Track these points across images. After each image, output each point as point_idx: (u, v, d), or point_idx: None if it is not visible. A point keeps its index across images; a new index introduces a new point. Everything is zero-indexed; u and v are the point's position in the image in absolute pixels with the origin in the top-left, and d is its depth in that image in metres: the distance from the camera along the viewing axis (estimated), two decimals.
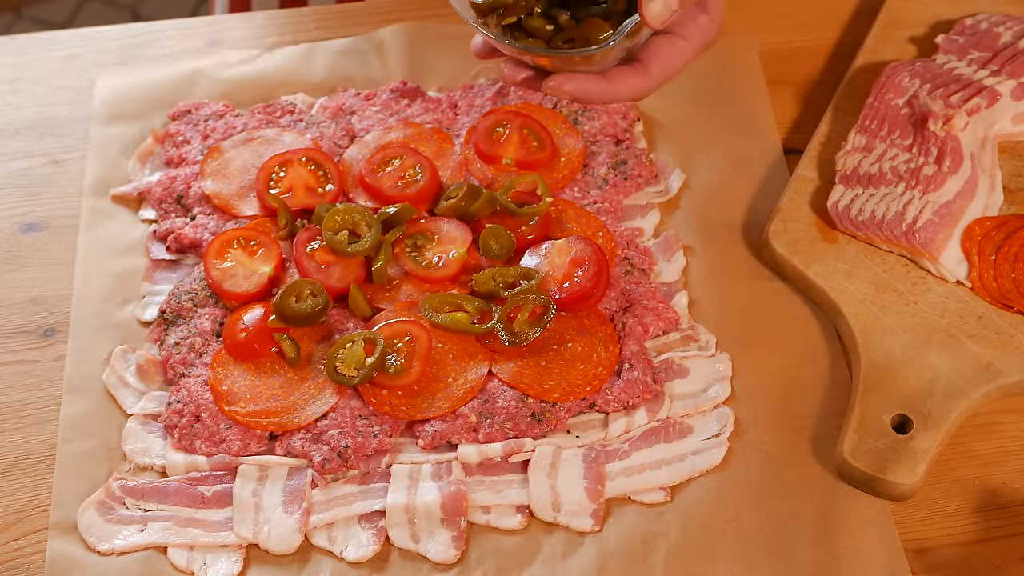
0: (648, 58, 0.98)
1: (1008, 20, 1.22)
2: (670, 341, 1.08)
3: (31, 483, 1.02)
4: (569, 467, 1.00)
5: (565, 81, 0.97)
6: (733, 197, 1.18)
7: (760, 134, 1.22)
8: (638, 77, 0.98)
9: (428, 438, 1.01)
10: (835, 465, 1.00)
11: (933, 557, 0.96)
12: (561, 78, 0.97)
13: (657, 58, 0.98)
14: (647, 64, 0.98)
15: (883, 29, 1.28)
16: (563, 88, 0.97)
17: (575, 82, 0.97)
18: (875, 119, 1.16)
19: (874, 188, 1.11)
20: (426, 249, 1.11)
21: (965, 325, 1.05)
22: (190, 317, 1.09)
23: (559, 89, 0.97)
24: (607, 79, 0.97)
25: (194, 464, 1.01)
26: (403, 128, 1.21)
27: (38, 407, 1.07)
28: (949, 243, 1.08)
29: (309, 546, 0.98)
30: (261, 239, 1.12)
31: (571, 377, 1.03)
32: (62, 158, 1.24)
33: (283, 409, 1.02)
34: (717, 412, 1.03)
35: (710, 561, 0.96)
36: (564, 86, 0.97)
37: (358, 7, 1.38)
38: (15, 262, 1.16)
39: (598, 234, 1.12)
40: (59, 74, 1.31)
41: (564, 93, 0.97)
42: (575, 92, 0.97)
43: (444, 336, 1.06)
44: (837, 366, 1.06)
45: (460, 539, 0.97)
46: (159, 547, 0.98)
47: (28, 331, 1.11)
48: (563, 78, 0.97)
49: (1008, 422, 1.03)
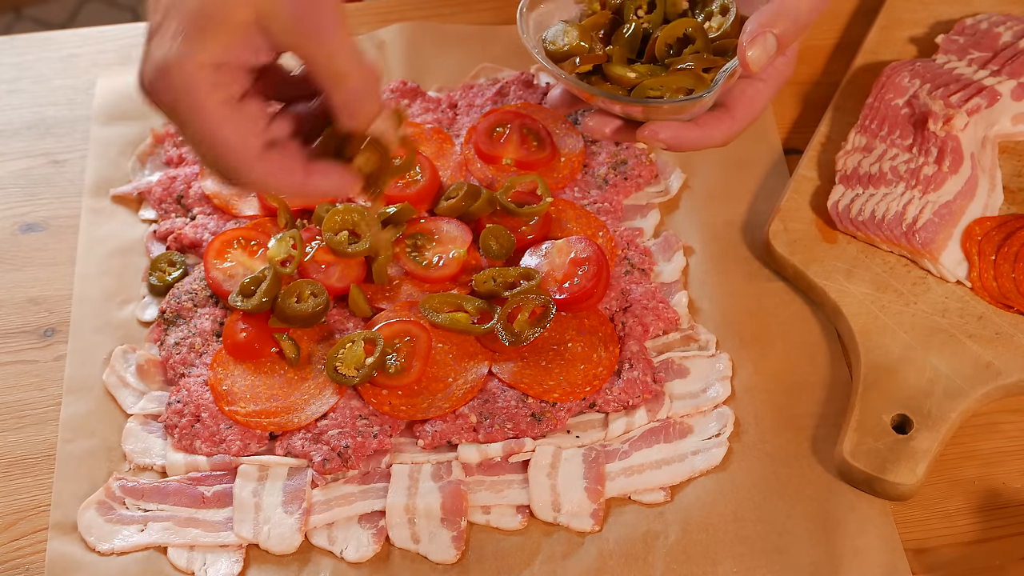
0: (732, 103, 0.98)
1: (1008, 20, 1.22)
2: (670, 341, 1.08)
3: (31, 483, 1.02)
4: (569, 467, 1.00)
5: (661, 130, 0.96)
6: (733, 197, 1.18)
7: (760, 134, 1.22)
8: (727, 123, 0.98)
9: (428, 438, 1.01)
10: (835, 465, 1.00)
11: (933, 557, 0.96)
12: (656, 127, 0.96)
13: (740, 102, 0.98)
14: (732, 109, 0.98)
15: (883, 29, 1.28)
16: (659, 136, 0.96)
17: (670, 131, 0.96)
18: (875, 119, 1.16)
19: (874, 188, 1.11)
20: (426, 249, 1.11)
21: (965, 325, 1.05)
22: (190, 317, 1.09)
23: (655, 137, 0.96)
24: (699, 126, 0.97)
25: (194, 464, 1.01)
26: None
27: (38, 407, 1.07)
28: (949, 243, 1.08)
29: (309, 546, 0.98)
30: (261, 239, 1.12)
31: (571, 377, 1.03)
32: (62, 158, 1.24)
33: (283, 409, 1.02)
34: (717, 412, 1.03)
35: (710, 561, 0.96)
36: (660, 134, 0.96)
37: (358, 7, 1.38)
38: (15, 262, 1.16)
39: (598, 234, 1.12)
40: (59, 74, 1.31)
41: (660, 141, 0.97)
42: (671, 140, 0.97)
43: (444, 336, 1.06)
44: (837, 366, 1.06)
45: (460, 539, 0.97)
46: (159, 547, 0.98)
47: (28, 331, 1.11)
48: (658, 127, 0.96)
49: (1008, 422, 1.03)
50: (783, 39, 0.93)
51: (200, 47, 0.79)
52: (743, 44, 0.92)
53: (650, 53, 1.01)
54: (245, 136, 0.82)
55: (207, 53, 0.79)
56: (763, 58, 0.92)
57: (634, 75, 0.99)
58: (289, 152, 0.85)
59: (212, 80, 0.80)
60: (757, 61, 0.92)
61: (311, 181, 0.85)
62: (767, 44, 0.92)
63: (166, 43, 0.80)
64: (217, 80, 0.80)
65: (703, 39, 0.99)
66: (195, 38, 0.79)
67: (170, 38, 0.80)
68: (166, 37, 0.80)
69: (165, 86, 0.80)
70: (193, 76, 0.79)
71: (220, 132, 0.81)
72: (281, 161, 0.84)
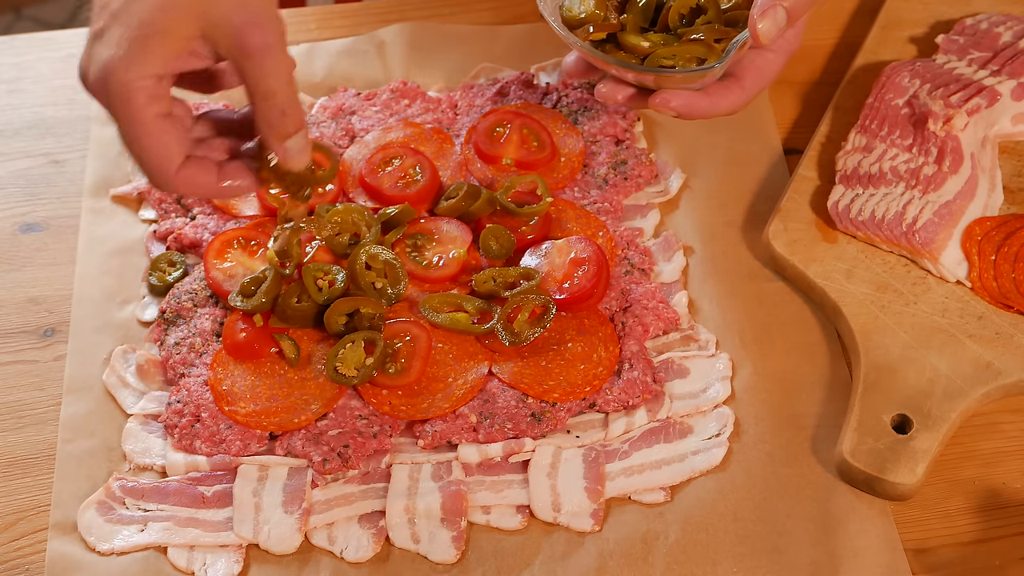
0: (742, 73, 1.03)
1: (1008, 20, 1.22)
2: (670, 341, 1.08)
3: (31, 483, 1.02)
4: (569, 467, 1.00)
5: (672, 98, 1.01)
6: (733, 197, 1.18)
7: (760, 134, 1.22)
8: (736, 92, 1.02)
9: (428, 438, 1.01)
10: (835, 465, 1.00)
11: (933, 557, 0.96)
12: (668, 95, 1.01)
13: (750, 72, 1.03)
14: (742, 79, 1.02)
15: (883, 29, 1.28)
16: (670, 104, 1.01)
17: (681, 99, 1.01)
18: (875, 119, 1.16)
19: (874, 188, 1.11)
20: (426, 249, 1.11)
21: (965, 325, 1.05)
22: (190, 317, 1.09)
23: (666, 105, 1.01)
24: (708, 95, 1.01)
25: (194, 464, 1.01)
26: (403, 128, 1.21)
27: (38, 407, 1.07)
28: (949, 243, 1.08)
29: (309, 546, 0.98)
30: (261, 239, 1.12)
31: (571, 377, 1.03)
32: (62, 158, 1.24)
33: (283, 409, 1.02)
34: (717, 412, 1.03)
35: (710, 561, 0.96)
36: (671, 102, 1.01)
37: (358, 7, 1.38)
38: (15, 262, 1.16)
39: (598, 234, 1.12)
40: (59, 74, 1.31)
41: (671, 109, 1.01)
42: (681, 108, 1.01)
43: (444, 336, 1.06)
44: (837, 366, 1.06)
45: (460, 539, 0.97)
46: (159, 547, 0.98)
47: (28, 331, 1.11)
48: (669, 95, 1.01)
49: (1008, 422, 1.03)
50: (793, 12, 0.97)
51: (143, 59, 0.83)
52: (754, 16, 0.96)
53: (663, 22, 1.05)
54: (170, 150, 0.88)
55: (150, 65, 0.84)
56: (773, 30, 0.96)
57: (647, 44, 1.03)
58: (205, 163, 0.91)
59: (150, 92, 0.85)
60: (767, 33, 0.96)
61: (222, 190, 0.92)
62: (777, 17, 0.96)
63: (111, 48, 0.84)
64: (155, 92, 0.85)
65: (715, 9, 1.04)
66: (139, 49, 0.83)
67: (115, 44, 0.83)
68: (111, 42, 0.84)
69: (105, 89, 0.84)
70: (132, 86, 0.84)
71: (149, 144, 0.87)
72: (196, 173, 0.90)
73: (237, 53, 0.85)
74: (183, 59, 0.86)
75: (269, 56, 0.85)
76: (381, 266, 1.07)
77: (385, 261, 1.07)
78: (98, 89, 0.85)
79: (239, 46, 0.84)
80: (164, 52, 0.84)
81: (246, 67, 0.86)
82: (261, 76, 0.86)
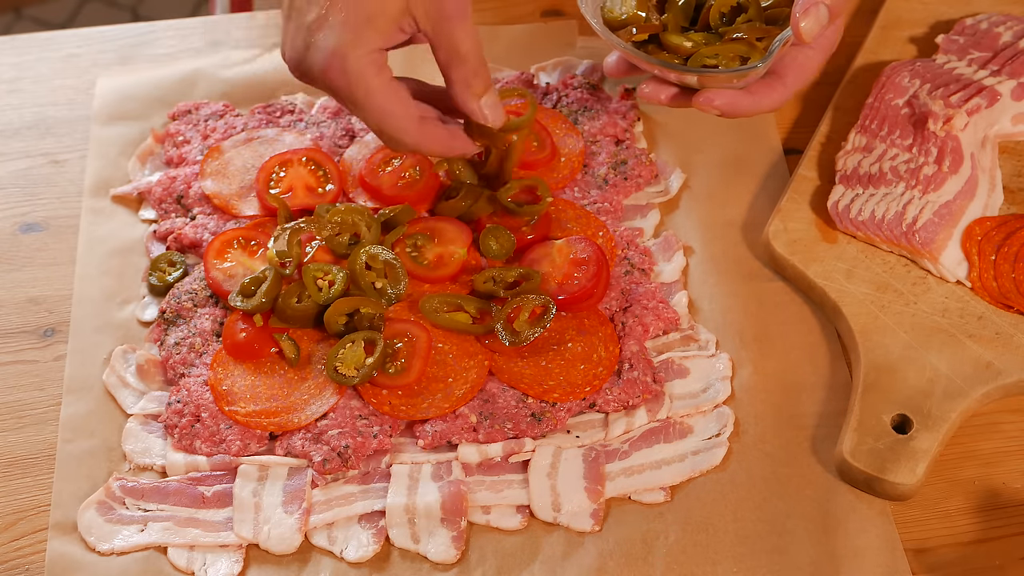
0: (783, 70, 1.04)
1: (1008, 20, 1.22)
2: (670, 341, 1.08)
3: (31, 483, 1.02)
4: (569, 467, 1.00)
5: (716, 97, 1.03)
6: (733, 197, 1.18)
7: (760, 134, 1.22)
8: (779, 90, 1.03)
9: (428, 438, 1.01)
10: (835, 465, 1.00)
11: (933, 557, 0.96)
12: (711, 94, 1.03)
13: (791, 69, 1.04)
14: (784, 76, 1.04)
15: (883, 29, 1.28)
16: (714, 103, 1.03)
17: (725, 98, 1.03)
18: (875, 119, 1.16)
19: (874, 188, 1.11)
20: (426, 249, 1.11)
21: (965, 325, 1.05)
22: (190, 317, 1.09)
23: (710, 104, 1.03)
24: (752, 93, 1.03)
25: (194, 464, 1.01)
26: None
27: (38, 407, 1.07)
28: (949, 243, 1.08)
29: (309, 546, 0.98)
30: (261, 239, 1.12)
31: (571, 377, 1.03)
32: (62, 158, 1.24)
33: (283, 409, 1.02)
34: (717, 412, 1.03)
35: (710, 561, 0.96)
36: (715, 101, 1.03)
37: None
38: (15, 262, 1.16)
39: (598, 234, 1.12)
40: (59, 74, 1.31)
41: (715, 108, 1.03)
42: (725, 107, 1.03)
43: (444, 336, 1.06)
44: (837, 366, 1.06)
45: (460, 539, 0.97)
46: (159, 547, 0.98)
47: (28, 331, 1.11)
48: (713, 94, 1.03)
49: (1008, 422, 1.03)
50: (835, 9, 0.98)
51: (369, 37, 0.96)
52: (796, 14, 0.97)
53: (704, 21, 1.07)
54: (408, 108, 0.99)
55: (374, 42, 0.96)
56: (816, 28, 0.98)
57: (690, 44, 1.04)
58: (437, 121, 1.03)
59: (377, 63, 0.97)
60: (810, 31, 0.98)
61: (454, 144, 1.03)
62: (820, 15, 0.97)
63: (337, 33, 0.95)
64: (380, 63, 0.97)
65: (756, 8, 1.05)
66: (363, 28, 0.96)
67: (340, 28, 0.95)
68: (335, 28, 0.96)
69: (340, 71, 0.96)
70: (364, 61, 0.96)
71: (389, 106, 0.98)
72: (432, 128, 1.01)
73: (436, 20, 0.96)
74: (395, 34, 0.97)
75: (463, 22, 0.97)
76: (381, 266, 1.07)
77: (385, 261, 1.07)
78: (331, 73, 0.96)
79: (438, 15, 0.96)
80: (383, 29, 0.96)
81: (442, 33, 0.97)
82: (457, 41, 0.97)
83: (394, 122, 0.98)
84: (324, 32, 0.96)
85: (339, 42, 0.95)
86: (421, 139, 1.00)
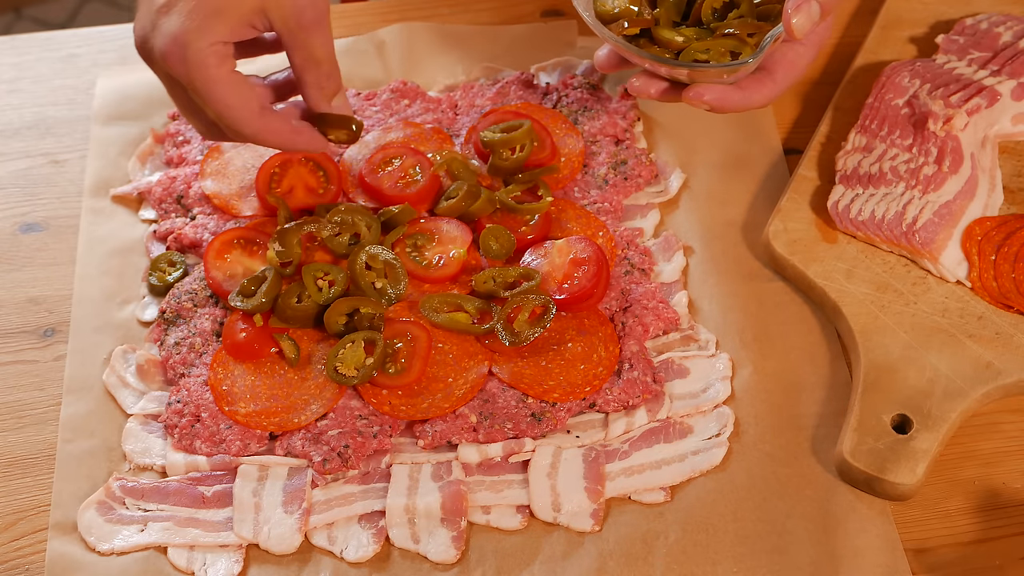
0: (774, 66, 1.04)
1: (1008, 20, 1.22)
2: (670, 341, 1.08)
3: (31, 483, 1.02)
4: (569, 467, 1.00)
5: (705, 91, 1.03)
6: (733, 197, 1.18)
7: (760, 134, 1.22)
8: (768, 86, 1.04)
9: (428, 438, 1.01)
10: (835, 465, 1.00)
11: (933, 557, 0.96)
12: (701, 88, 1.03)
13: (782, 66, 1.04)
14: (774, 72, 1.04)
15: (883, 29, 1.28)
16: (704, 98, 1.03)
17: (715, 93, 1.03)
18: (875, 119, 1.16)
19: (874, 188, 1.11)
20: (426, 249, 1.11)
21: (965, 325, 1.05)
22: (190, 317, 1.09)
23: (699, 99, 1.03)
24: (742, 89, 1.03)
25: (194, 464, 1.01)
26: (403, 128, 1.21)
27: (38, 407, 1.07)
28: (949, 243, 1.08)
29: (309, 546, 0.98)
30: (261, 239, 1.12)
31: (571, 377, 1.03)
32: (62, 158, 1.24)
33: (283, 409, 1.02)
34: (717, 412, 1.03)
35: (710, 561, 0.96)
36: (704, 96, 1.03)
37: (358, 7, 1.38)
38: (15, 262, 1.16)
39: (598, 234, 1.12)
40: (59, 74, 1.31)
41: (705, 103, 1.03)
42: (715, 102, 1.03)
43: (444, 336, 1.06)
44: (837, 366, 1.06)
45: (460, 539, 0.97)
46: (159, 547, 0.98)
47: (28, 331, 1.11)
48: (703, 89, 1.03)
49: (1008, 422, 1.03)
50: (826, 6, 0.99)
51: (213, 28, 0.94)
52: (788, 11, 0.98)
53: (695, 16, 1.07)
54: (247, 100, 0.97)
55: (218, 34, 0.94)
56: (807, 25, 0.98)
57: (681, 39, 1.04)
58: (280, 115, 1.01)
59: (220, 54, 0.95)
60: (802, 28, 0.98)
61: (298, 139, 1.01)
62: (811, 11, 0.98)
63: (182, 20, 0.94)
64: (223, 54, 0.95)
65: (748, 4, 1.05)
66: (209, 19, 0.94)
67: (186, 16, 0.94)
68: (181, 14, 0.94)
69: (179, 58, 0.94)
70: (205, 51, 0.94)
71: (227, 98, 0.96)
72: (273, 121, 0.99)
73: (293, 26, 0.96)
74: (243, 29, 0.96)
75: (320, 30, 0.97)
76: (381, 266, 1.07)
77: (385, 261, 1.07)
78: (171, 58, 0.94)
79: (296, 21, 0.96)
80: (230, 22, 0.95)
81: (298, 39, 0.97)
82: (313, 47, 0.97)
83: (232, 113, 0.97)
84: (169, 17, 0.95)
85: (182, 29, 0.94)
86: (260, 131, 0.99)
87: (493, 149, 1.15)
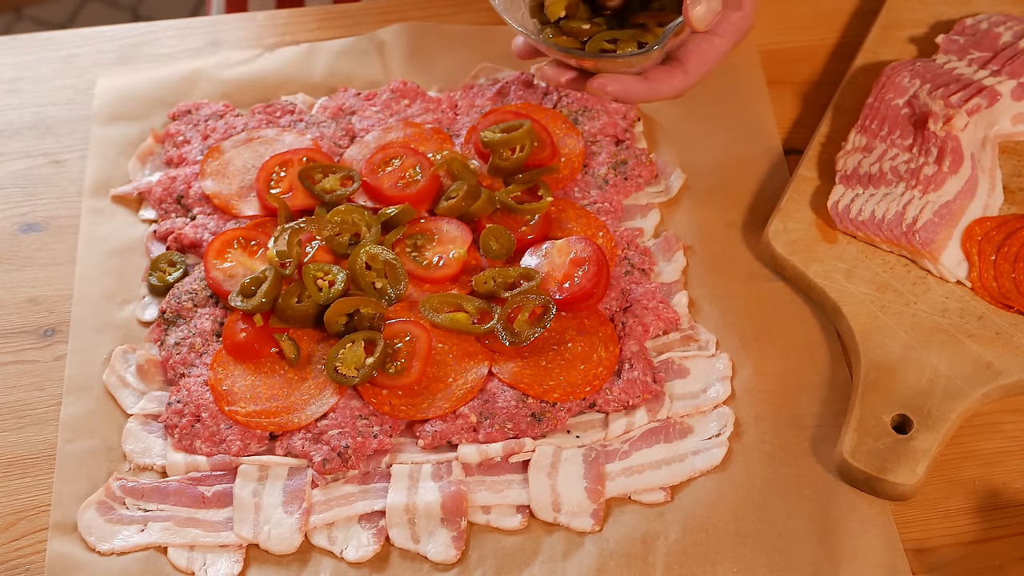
0: (685, 57, 1.02)
1: (1008, 20, 1.22)
2: (670, 341, 1.08)
3: (31, 483, 1.02)
4: (569, 467, 1.00)
5: (609, 82, 1.01)
6: (733, 197, 1.18)
7: (760, 134, 1.22)
8: (677, 76, 1.01)
9: (428, 438, 1.01)
10: (835, 465, 1.00)
11: (933, 557, 0.96)
12: (605, 79, 1.01)
13: (694, 56, 1.02)
14: (684, 63, 1.02)
15: (883, 29, 1.28)
16: (607, 89, 1.01)
17: (619, 83, 1.01)
18: (875, 119, 1.16)
19: (874, 188, 1.11)
20: (426, 249, 1.11)
21: (965, 325, 1.05)
22: (190, 317, 1.09)
23: (603, 90, 1.01)
24: (648, 80, 1.01)
25: (194, 464, 1.01)
26: (403, 128, 1.21)
27: (38, 407, 1.07)
28: (949, 243, 1.08)
29: (309, 546, 0.98)
30: (261, 239, 1.12)
31: (571, 377, 1.03)
32: (62, 158, 1.24)
33: (283, 409, 1.02)
34: (717, 412, 1.03)
35: (710, 561, 0.96)
36: (608, 87, 1.01)
37: (358, 7, 1.38)
38: (15, 262, 1.16)
39: (598, 234, 1.12)
40: (59, 74, 1.31)
41: (608, 94, 1.01)
42: (618, 93, 1.01)
43: (444, 336, 1.06)
44: (837, 366, 1.06)
45: (460, 539, 0.97)
46: (159, 547, 0.98)
47: (28, 331, 1.11)
48: (607, 79, 1.01)
49: (1008, 422, 1.03)
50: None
51: None
52: (687, 2, 0.96)
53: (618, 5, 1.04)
54: None
55: None
56: (708, 16, 0.97)
57: (588, 27, 1.02)
58: None
59: None
60: (702, 19, 0.97)
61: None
62: (712, 2, 0.96)
63: None
64: None
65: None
66: None
67: None
68: None
69: None
70: None
71: None
72: None
73: None
74: None
75: None
76: (381, 266, 1.07)
77: (385, 261, 1.07)
78: None
79: None
80: None
81: None
82: None
83: None
84: None
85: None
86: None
87: (493, 149, 1.15)
